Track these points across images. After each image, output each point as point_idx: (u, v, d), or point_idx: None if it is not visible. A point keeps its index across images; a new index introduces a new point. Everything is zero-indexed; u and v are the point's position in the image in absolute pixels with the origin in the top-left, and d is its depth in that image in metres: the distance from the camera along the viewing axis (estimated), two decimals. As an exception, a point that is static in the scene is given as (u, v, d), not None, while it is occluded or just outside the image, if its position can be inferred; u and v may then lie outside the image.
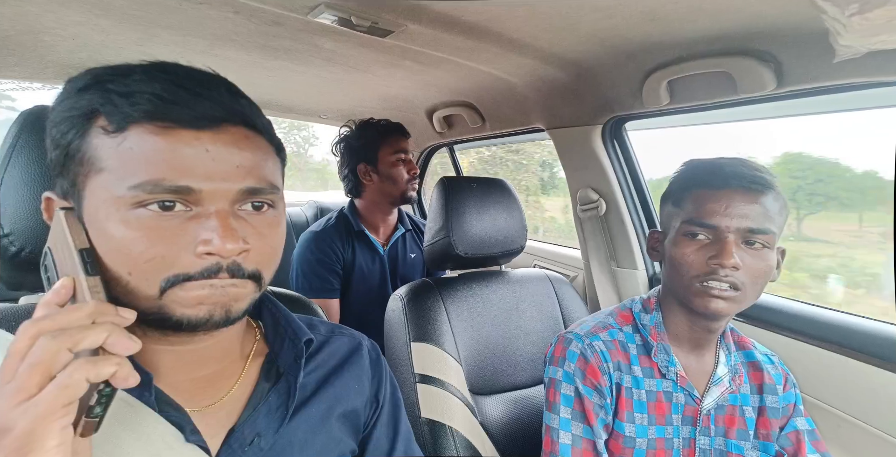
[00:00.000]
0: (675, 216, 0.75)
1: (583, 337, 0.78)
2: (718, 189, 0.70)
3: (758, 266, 0.68)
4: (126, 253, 0.38)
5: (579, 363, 0.76)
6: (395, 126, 1.49)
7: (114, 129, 0.38)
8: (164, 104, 0.38)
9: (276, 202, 0.45)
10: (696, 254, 0.70)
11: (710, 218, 0.69)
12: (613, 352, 0.76)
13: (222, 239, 0.39)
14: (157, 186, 0.38)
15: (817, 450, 0.74)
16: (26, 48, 1.12)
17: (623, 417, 0.74)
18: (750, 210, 0.67)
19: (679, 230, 0.73)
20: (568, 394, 0.75)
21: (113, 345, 0.33)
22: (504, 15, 0.87)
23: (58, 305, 0.37)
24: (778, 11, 0.76)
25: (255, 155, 0.42)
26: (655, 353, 0.77)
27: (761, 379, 0.78)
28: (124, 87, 0.39)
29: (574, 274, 1.67)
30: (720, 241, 0.68)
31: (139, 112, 0.38)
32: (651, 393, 0.75)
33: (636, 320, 0.81)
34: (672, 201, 0.77)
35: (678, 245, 0.72)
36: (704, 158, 0.76)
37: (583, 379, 0.75)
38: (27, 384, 0.31)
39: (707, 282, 0.69)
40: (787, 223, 0.72)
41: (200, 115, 0.40)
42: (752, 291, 0.69)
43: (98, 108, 0.39)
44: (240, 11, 0.90)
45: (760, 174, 0.69)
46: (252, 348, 0.53)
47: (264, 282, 0.44)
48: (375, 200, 1.48)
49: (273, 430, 0.47)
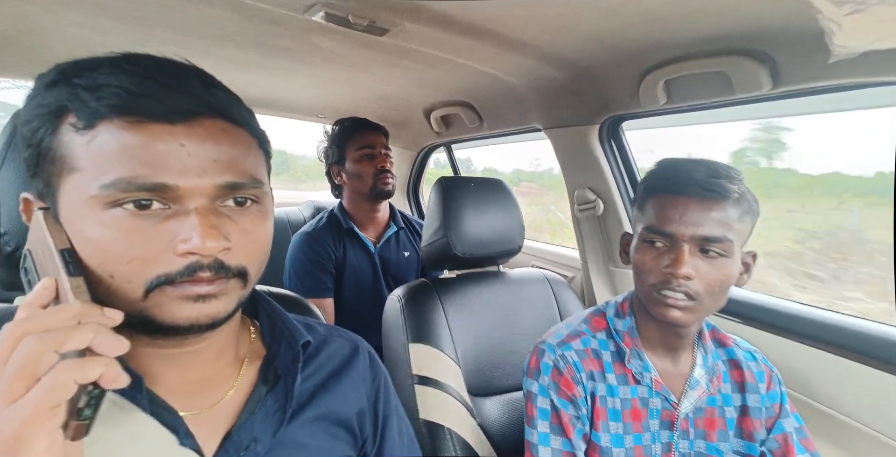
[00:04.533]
0: (638, 221, 0.74)
1: (555, 347, 0.77)
2: (675, 195, 0.68)
3: (713, 275, 0.67)
4: (105, 255, 0.37)
5: (553, 376, 0.75)
6: (361, 122, 1.48)
7: (83, 125, 0.37)
8: (133, 98, 0.37)
9: (260, 197, 0.43)
10: (654, 261, 0.69)
11: (666, 225, 0.68)
12: (586, 361, 0.76)
13: (202, 238, 0.37)
14: (131, 183, 0.36)
15: (806, 449, 0.74)
16: (26, 48, 1.11)
17: (599, 427, 0.73)
18: (705, 218, 0.66)
19: (640, 236, 0.72)
20: (544, 408, 0.75)
21: (100, 345, 0.32)
22: (502, 14, 0.87)
23: (40, 306, 0.35)
24: (774, 12, 0.77)
25: (234, 148, 0.41)
26: (629, 359, 0.76)
27: (742, 377, 0.77)
28: (91, 81, 0.37)
29: (572, 274, 1.67)
30: (675, 249, 0.67)
31: (107, 107, 0.36)
32: (626, 401, 0.75)
33: (610, 326, 0.80)
34: (637, 205, 0.76)
35: (638, 251, 0.72)
36: (671, 160, 0.74)
37: (557, 392, 0.74)
38: (13, 387, 0.30)
39: (663, 290, 0.68)
40: (754, 227, 0.70)
41: (172, 108, 0.38)
42: (710, 300, 0.68)
43: (66, 104, 0.37)
44: (239, 11, 0.90)
45: (717, 180, 0.66)
46: (248, 349, 0.52)
47: (251, 278, 0.43)
48: (354, 199, 1.49)
49: (270, 434, 0.46)
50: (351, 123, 1.48)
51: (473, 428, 0.98)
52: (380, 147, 1.46)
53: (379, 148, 1.45)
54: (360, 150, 1.43)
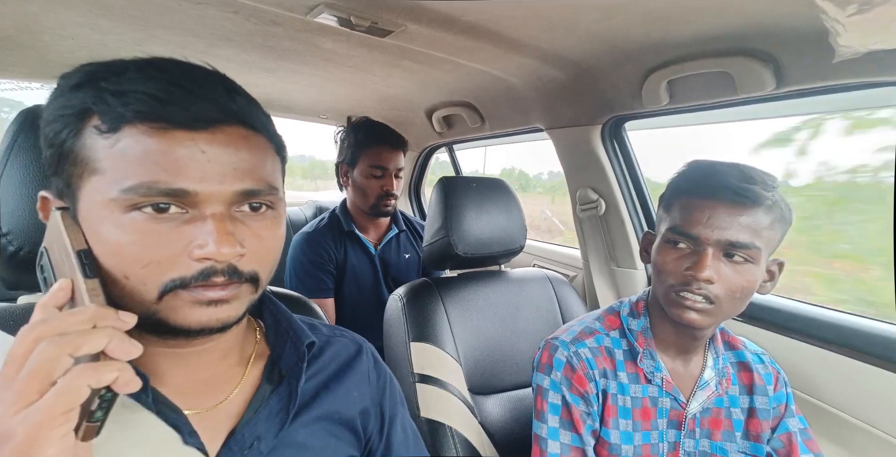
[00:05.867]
0: (663, 221, 0.74)
1: (569, 344, 0.77)
2: (704, 199, 0.67)
3: (736, 281, 0.66)
4: (122, 257, 0.38)
5: (566, 372, 0.75)
6: (384, 136, 1.42)
7: (107, 129, 0.37)
8: (159, 104, 0.37)
9: (275, 203, 0.44)
10: (675, 263, 0.69)
11: (691, 228, 0.67)
12: (599, 359, 0.76)
13: (218, 244, 0.38)
14: (151, 188, 0.37)
15: (810, 450, 0.74)
16: (26, 48, 1.12)
17: (609, 424, 0.74)
18: (733, 223, 0.65)
19: (663, 237, 0.72)
20: (555, 403, 0.75)
21: (114, 350, 0.33)
22: (504, 15, 0.87)
23: (56, 307, 0.36)
24: (777, 11, 0.76)
25: (252, 155, 0.41)
26: (641, 359, 0.76)
27: (751, 380, 0.77)
28: (118, 86, 0.38)
29: (573, 274, 1.67)
30: (698, 252, 0.67)
31: (132, 112, 0.37)
32: (636, 399, 0.75)
33: (623, 325, 0.80)
34: (663, 206, 0.75)
35: (660, 252, 0.72)
36: (703, 162, 0.73)
37: (569, 387, 0.74)
38: (27, 391, 0.30)
39: (682, 292, 0.68)
40: (784, 236, 0.69)
41: (196, 115, 0.38)
42: (730, 305, 0.67)
43: (91, 107, 0.38)
44: (239, 11, 0.90)
45: (750, 186, 0.65)
46: (253, 349, 0.52)
47: (262, 283, 0.44)
48: (355, 202, 1.48)
49: (273, 434, 0.47)
50: (373, 134, 1.42)
51: (475, 427, 0.98)
52: (392, 168, 1.42)
53: (391, 169, 1.41)
54: (373, 167, 1.40)
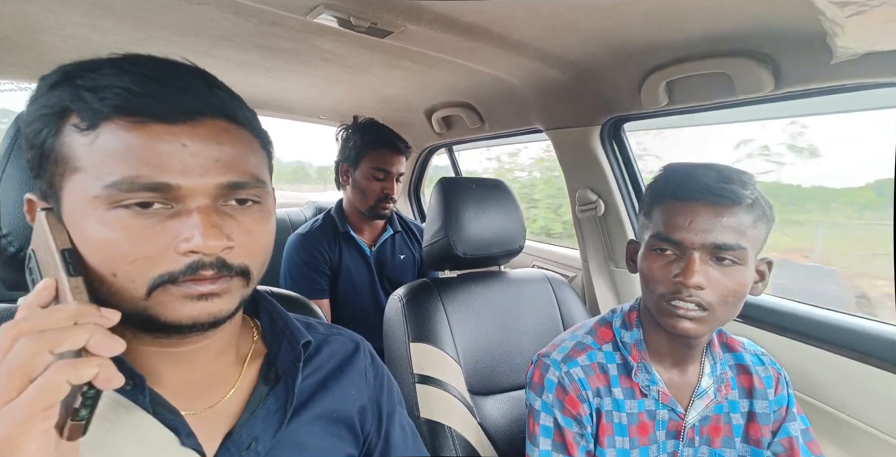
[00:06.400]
0: (645, 228, 0.72)
1: (560, 363, 0.74)
2: (685, 202, 0.65)
3: (727, 284, 0.64)
4: (108, 254, 0.37)
5: (557, 393, 0.73)
6: (390, 140, 1.43)
7: (86, 126, 0.37)
8: (135, 98, 0.37)
9: (262, 197, 0.43)
10: (663, 270, 0.67)
11: (674, 233, 0.65)
12: (592, 378, 0.73)
13: (204, 237, 0.37)
14: (133, 183, 0.36)
15: (812, 452, 0.73)
16: (25, 48, 1.12)
17: (604, 443, 0.71)
18: (716, 224, 0.63)
19: (648, 244, 0.70)
20: (547, 425, 0.73)
21: (95, 346, 0.32)
22: (503, 15, 0.87)
23: (39, 306, 0.36)
24: (776, 13, 0.76)
25: (235, 148, 0.41)
26: (636, 373, 0.73)
27: (751, 383, 0.75)
28: (93, 82, 0.37)
29: (573, 274, 1.67)
30: (685, 258, 0.65)
31: (109, 107, 0.37)
32: (632, 415, 0.73)
33: (616, 337, 0.77)
34: (644, 212, 0.73)
35: (646, 260, 0.69)
36: (679, 165, 0.72)
37: (562, 410, 0.72)
38: (6, 388, 0.30)
39: (673, 301, 0.65)
40: (769, 233, 0.68)
41: (174, 108, 0.38)
42: (724, 310, 0.65)
43: (69, 105, 0.38)
44: (239, 12, 0.90)
45: (728, 186, 0.64)
46: (250, 348, 0.52)
47: (253, 277, 0.43)
48: (353, 203, 1.48)
49: (270, 434, 0.46)
50: (377, 136, 1.43)
51: (474, 427, 0.98)
52: (395, 172, 1.42)
53: (394, 173, 1.42)
54: (376, 169, 1.40)
